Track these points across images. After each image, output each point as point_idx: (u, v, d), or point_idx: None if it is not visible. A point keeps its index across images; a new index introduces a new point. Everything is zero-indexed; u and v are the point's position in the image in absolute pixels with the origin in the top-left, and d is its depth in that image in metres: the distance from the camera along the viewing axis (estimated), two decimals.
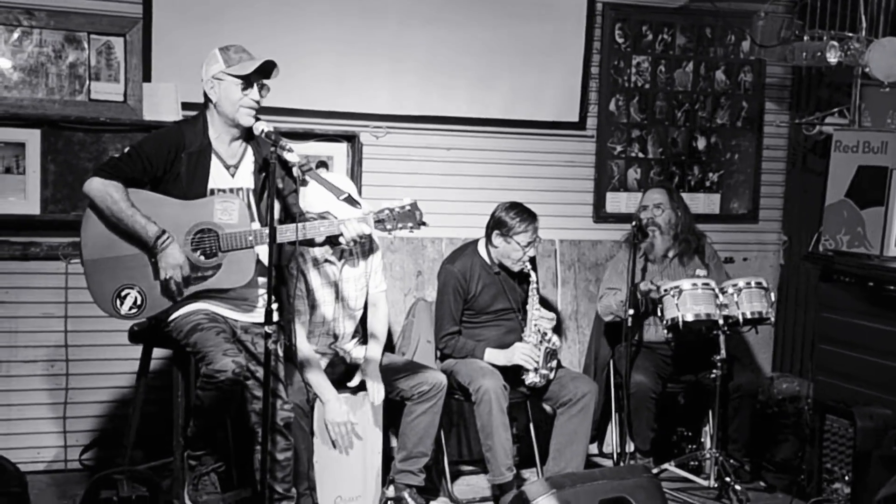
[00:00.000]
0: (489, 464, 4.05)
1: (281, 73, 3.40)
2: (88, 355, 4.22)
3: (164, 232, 3.26)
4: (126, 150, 3.39)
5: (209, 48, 3.43)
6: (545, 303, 4.36)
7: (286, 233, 3.27)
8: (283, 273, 3.66)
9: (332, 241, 3.43)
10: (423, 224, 3.36)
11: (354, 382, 3.93)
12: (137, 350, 3.67)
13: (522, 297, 4.28)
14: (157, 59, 4.25)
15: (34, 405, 4.20)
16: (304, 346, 3.87)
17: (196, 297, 3.37)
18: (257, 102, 3.35)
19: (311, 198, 3.69)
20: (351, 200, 3.30)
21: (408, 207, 3.34)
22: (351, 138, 4.53)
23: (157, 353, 3.69)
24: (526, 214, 4.17)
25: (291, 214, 3.46)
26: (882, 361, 4.08)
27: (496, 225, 4.20)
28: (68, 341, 4.13)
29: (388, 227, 3.32)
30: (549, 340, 4.15)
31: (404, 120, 4.64)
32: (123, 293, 3.33)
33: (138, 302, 3.33)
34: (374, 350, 4.00)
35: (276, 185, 3.22)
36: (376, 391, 3.88)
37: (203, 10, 4.29)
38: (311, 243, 3.53)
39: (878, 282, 4.12)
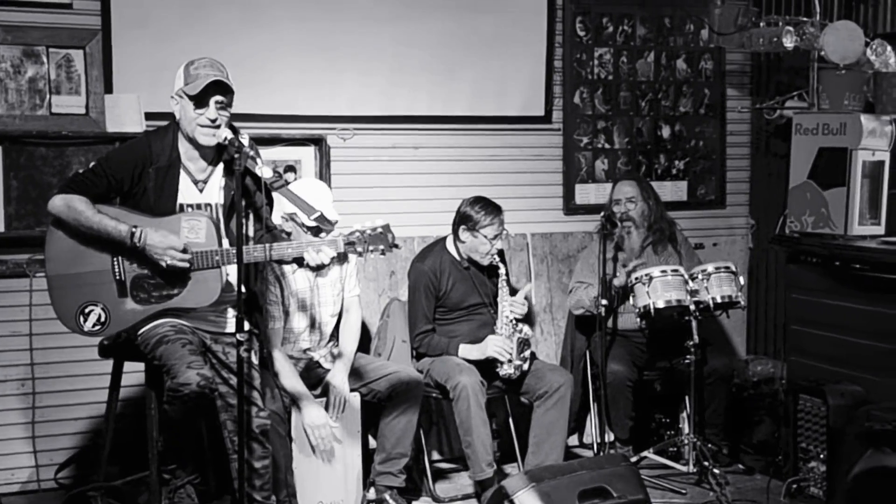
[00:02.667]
0: (469, 461, 4.06)
1: (245, 77, 3.36)
2: (57, 372, 4.17)
3: (135, 226, 3.22)
4: (91, 165, 3.34)
5: (170, 57, 3.40)
6: (515, 294, 4.36)
7: (253, 252, 3.24)
8: (251, 287, 3.61)
9: (298, 261, 3.35)
10: (396, 247, 3.28)
11: (319, 391, 3.94)
12: (108, 364, 3.64)
13: (493, 291, 4.29)
14: (118, 71, 4.21)
15: (6, 426, 4.14)
16: (279, 354, 3.86)
17: (161, 315, 3.34)
18: (213, 121, 3.26)
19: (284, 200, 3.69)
20: (322, 220, 3.28)
21: (379, 230, 3.25)
22: (318, 141, 4.52)
23: (129, 366, 3.66)
24: (491, 207, 4.18)
25: (265, 226, 3.42)
26: (851, 339, 4.13)
27: (462, 220, 4.21)
28: (34, 359, 4.08)
29: (359, 249, 3.24)
30: (520, 331, 4.17)
31: (370, 121, 4.64)
32: (87, 310, 3.30)
33: (102, 319, 3.31)
34: (340, 373, 3.96)
35: (241, 191, 3.20)
36: (332, 412, 3.88)
37: (162, 19, 4.25)
38: (280, 261, 3.48)
39: (844, 261, 4.17)
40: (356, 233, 3.25)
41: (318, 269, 3.27)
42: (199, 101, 3.25)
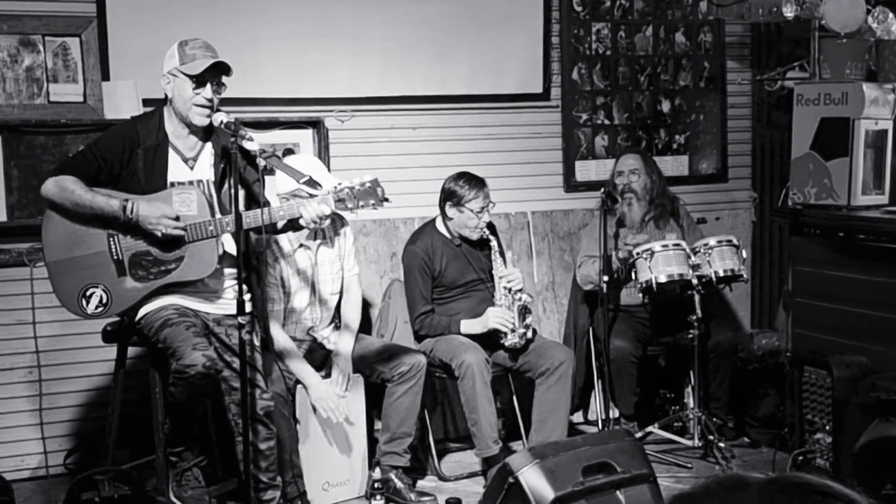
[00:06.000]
0: (475, 438, 4.07)
1: (241, 62, 3.38)
2: (62, 359, 4.19)
3: (126, 200, 3.24)
4: (80, 149, 3.37)
5: (166, 43, 3.40)
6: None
7: (247, 219, 3.25)
8: (251, 262, 3.64)
9: (294, 225, 3.37)
10: (386, 200, 3.27)
11: (324, 372, 3.95)
12: (112, 350, 3.66)
13: (488, 265, 4.28)
14: (114, 58, 4.21)
15: (15, 413, 4.18)
16: (280, 335, 3.87)
17: (163, 291, 3.35)
18: (210, 101, 3.30)
19: (280, 180, 3.70)
20: (311, 182, 3.28)
21: (368, 184, 3.25)
22: (316, 124, 4.51)
23: (133, 350, 3.67)
24: (475, 181, 4.18)
25: (259, 203, 3.43)
26: (856, 310, 4.11)
27: (447, 196, 4.21)
28: (39, 346, 4.10)
29: (350, 205, 3.24)
30: (519, 298, 4.16)
31: (367, 102, 4.62)
32: (88, 292, 3.32)
33: (104, 300, 3.32)
34: (346, 341, 3.98)
35: (238, 174, 3.20)
36: (341, 381, 3.90)
37: (157, 5, 4.24)
38: (274, 229, 3.48)
39: (848, 232, 4.15)
40: (345, 189, 3.24)
41: (318, 232, 3.25)
42: (199, 80, 3.27)
